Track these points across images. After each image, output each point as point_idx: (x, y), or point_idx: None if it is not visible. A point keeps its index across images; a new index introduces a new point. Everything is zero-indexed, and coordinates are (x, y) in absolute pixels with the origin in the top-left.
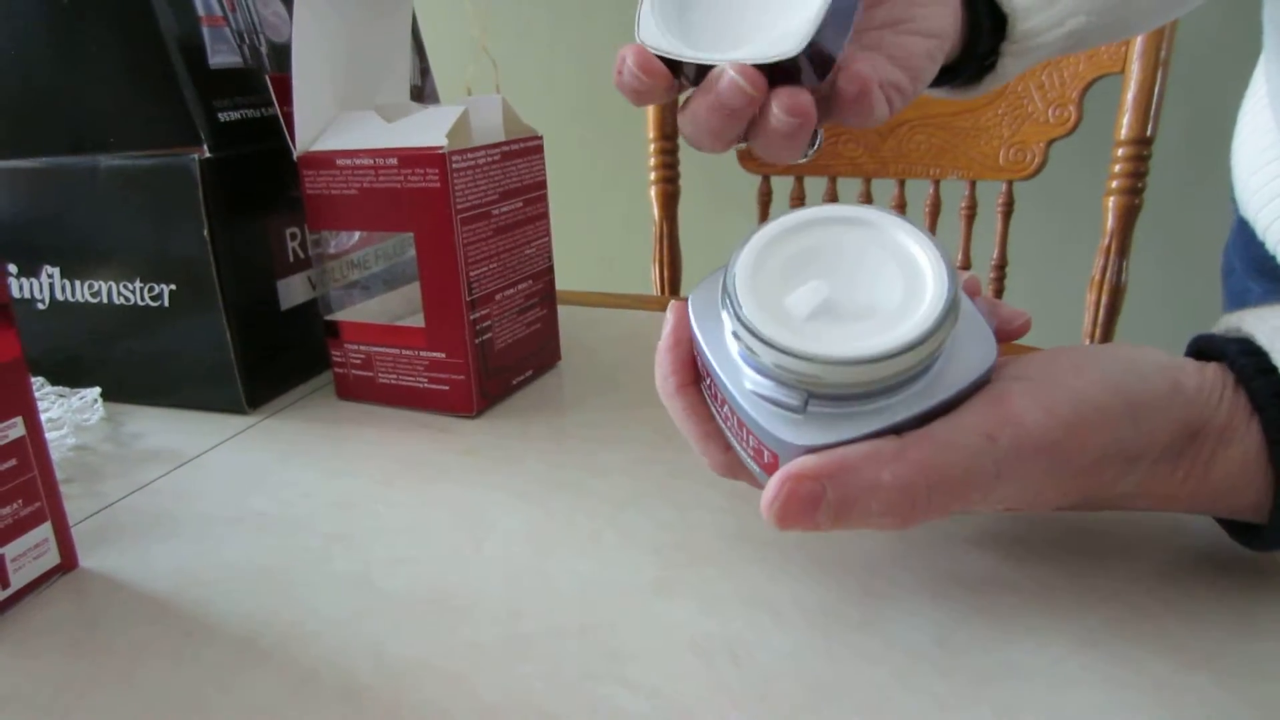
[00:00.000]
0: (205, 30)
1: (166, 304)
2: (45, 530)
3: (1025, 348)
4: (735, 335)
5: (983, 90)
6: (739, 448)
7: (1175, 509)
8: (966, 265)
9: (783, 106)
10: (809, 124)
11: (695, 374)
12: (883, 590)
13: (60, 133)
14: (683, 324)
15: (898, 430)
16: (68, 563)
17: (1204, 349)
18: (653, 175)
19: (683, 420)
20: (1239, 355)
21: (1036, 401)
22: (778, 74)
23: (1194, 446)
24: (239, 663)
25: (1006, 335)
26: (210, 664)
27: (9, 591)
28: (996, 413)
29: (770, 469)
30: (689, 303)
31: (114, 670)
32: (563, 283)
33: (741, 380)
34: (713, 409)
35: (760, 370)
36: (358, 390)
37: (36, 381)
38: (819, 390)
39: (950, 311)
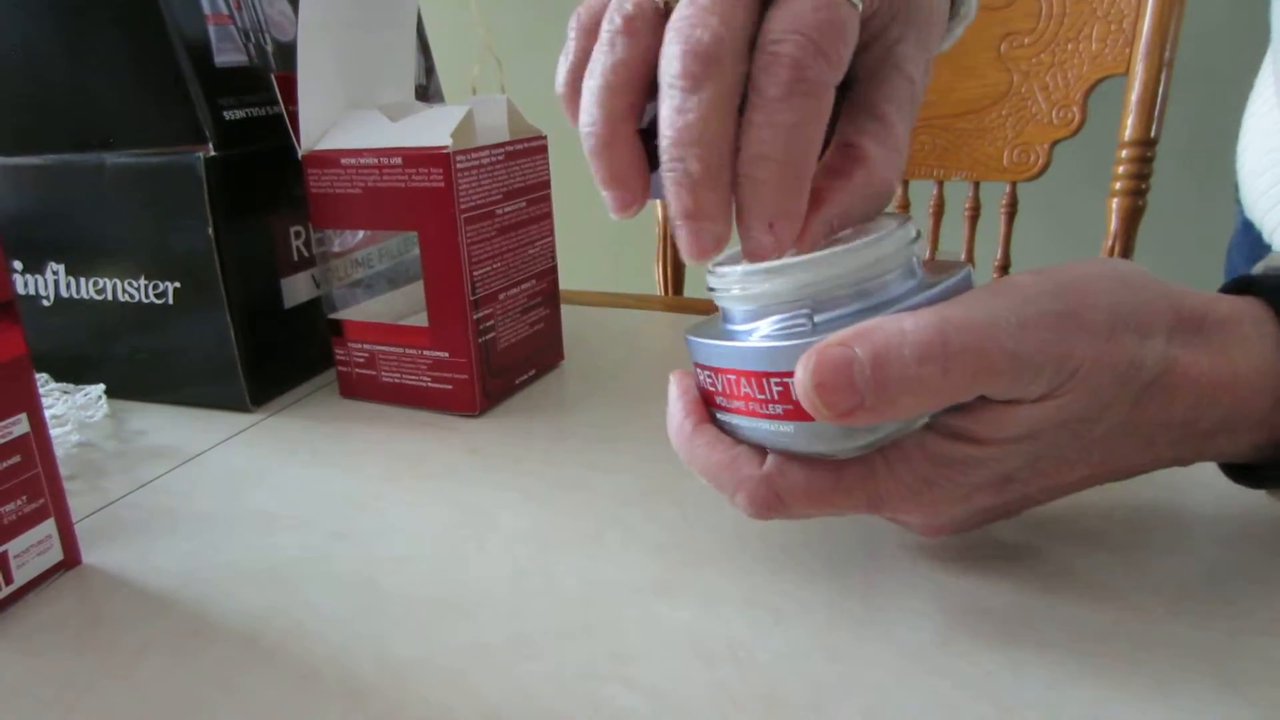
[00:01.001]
0: (211, 29)
1: (171, 301)
2: (49, 527)
3: None
4: (730, 286)
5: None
6: (766, 425)
7: (1218, 412)
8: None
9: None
10: None
11: (707, 415)
12: (884, 589)
13: (66, 130)
14: (684, 377)
15: None
16: (71, 559)
17: (1236, 287)
18: None
19: (708, 452)
20: (1263, 277)
21: (1028, 274)
22: None
23: (1203, 333)
24: (241, 661)
25: None
26: (212, 662)
27: (12, 588)
28: (994, 283)
29: (799, 413)
30: (687, 333)
31: (116, 667)
32: (566, 282)
33: (752, 337)
34: (734, 423)
35: (763, 310)
36: (361, 389)
37: (41, 378)
38: (820, 297)
39: (911, 225)
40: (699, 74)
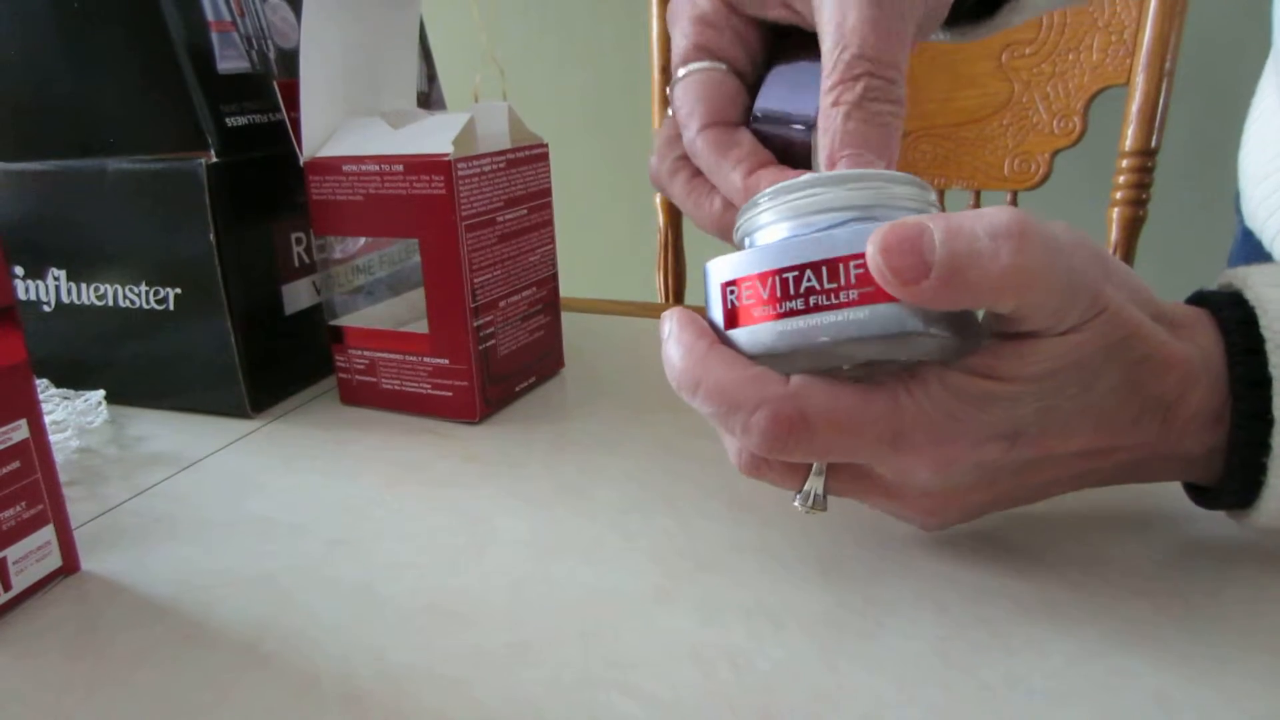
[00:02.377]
0: (214, 35)
1: (172, 307)
2: (48, 533)
3: None
4: (815, 190)
5: (993, 29)
6: (831, 316)
7: (1196, 397)
8: None
9: None
10: None
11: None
12: (883, 600)
13: (69, 136)
14: (683, 310)
15: None
16: (69, 565)
17: (1193, 300)
18: None
19: (727, 369)
20: (1214, 293)
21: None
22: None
23: (1173, 329)
24: (239, 668)
25: None
26: (211, 668)
27: (11, 594)
28: None
29: (874, 296)
30: (709, 265)
31: (114, 674)
32: (567, 289)
33: (817, 225)
34: (765, 331)
35: (821, 215)
36: (361, 395)
37: (41, 384)
38: (892, 208)
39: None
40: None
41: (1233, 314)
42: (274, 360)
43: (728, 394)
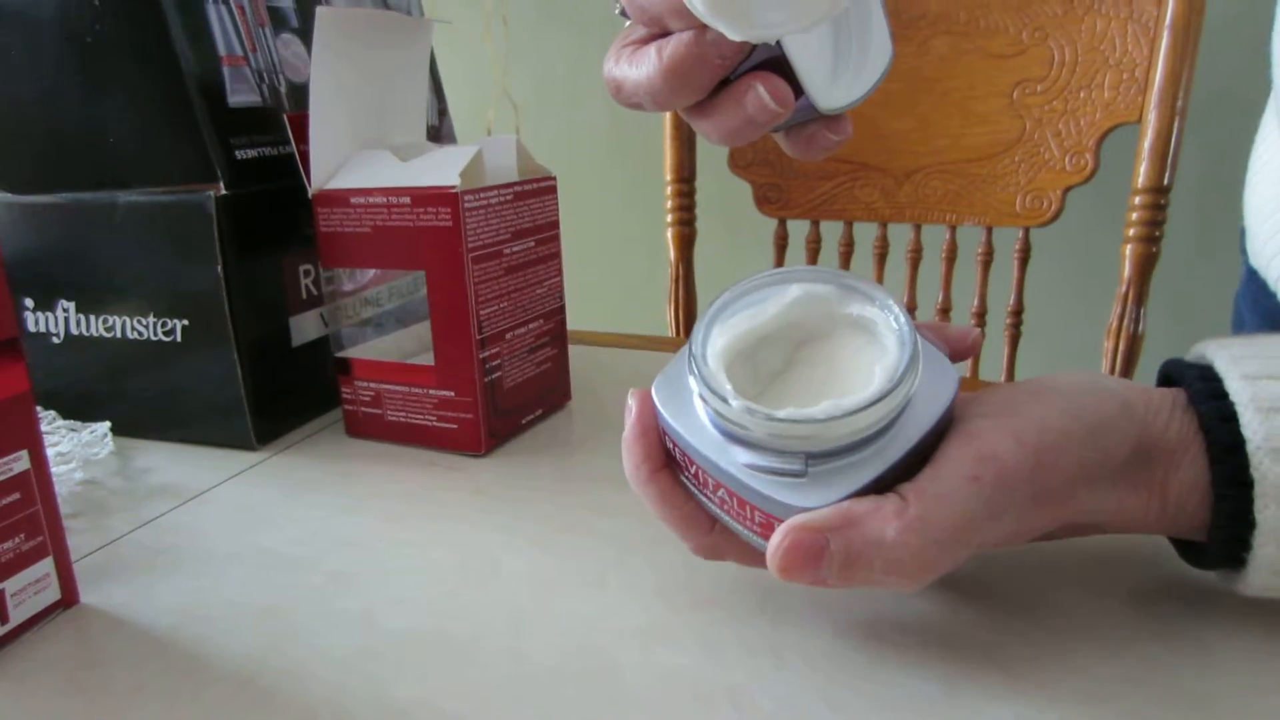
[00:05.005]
0: (225, 70)
1: (179, 339)
2: (47, 565)
3: None
4: (726, 419)
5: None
6: (737, 526)
7: (1147, 530)
8: (983, 311)
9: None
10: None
11: (665, 458)
12: (888, 637)
13: (80, 169)
14: (647, 412)
15: (894, 472)
16: (68, 598)
17: (1170, 374)
18: (670, 217)
19: (660, 506)
20: (1195, 380)
21: (1006, 434)
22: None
23: (1148, 470)
24: (238, 702)
25: (960, 354)
26: (209, 703)
27: (8, 627)
28: (974, 452)
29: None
30: (655, 397)
31: (112, 709)
32: (578, 322)
33: (736, 458)
34: (695, 491)
35: (757, 445)
36: (367, 427)
37: (48, 415)
38: (817, 450)
39: (914, 359)
40: None
41: (1212, 408)
42: (280, 392)
43: (661, 519)
